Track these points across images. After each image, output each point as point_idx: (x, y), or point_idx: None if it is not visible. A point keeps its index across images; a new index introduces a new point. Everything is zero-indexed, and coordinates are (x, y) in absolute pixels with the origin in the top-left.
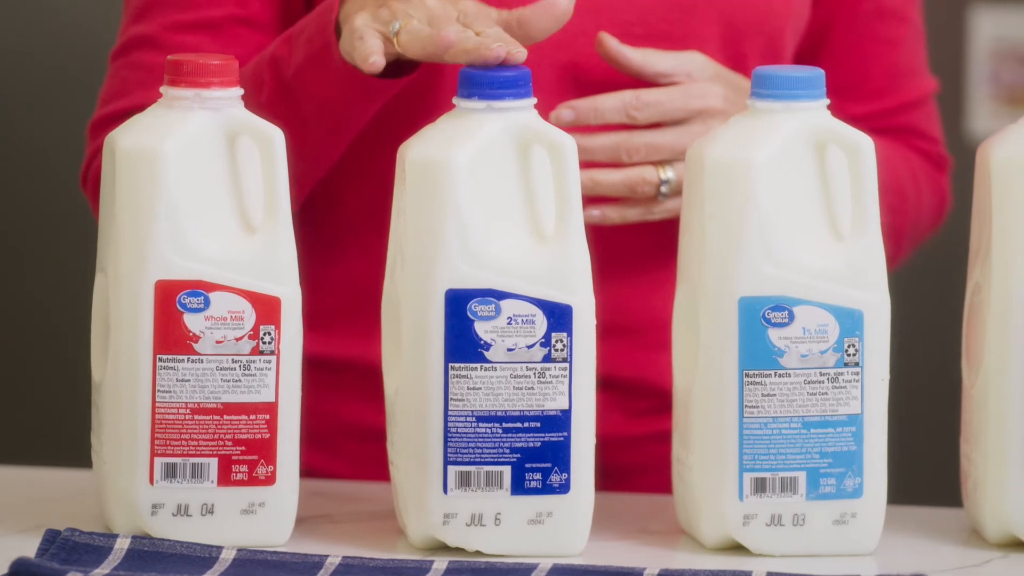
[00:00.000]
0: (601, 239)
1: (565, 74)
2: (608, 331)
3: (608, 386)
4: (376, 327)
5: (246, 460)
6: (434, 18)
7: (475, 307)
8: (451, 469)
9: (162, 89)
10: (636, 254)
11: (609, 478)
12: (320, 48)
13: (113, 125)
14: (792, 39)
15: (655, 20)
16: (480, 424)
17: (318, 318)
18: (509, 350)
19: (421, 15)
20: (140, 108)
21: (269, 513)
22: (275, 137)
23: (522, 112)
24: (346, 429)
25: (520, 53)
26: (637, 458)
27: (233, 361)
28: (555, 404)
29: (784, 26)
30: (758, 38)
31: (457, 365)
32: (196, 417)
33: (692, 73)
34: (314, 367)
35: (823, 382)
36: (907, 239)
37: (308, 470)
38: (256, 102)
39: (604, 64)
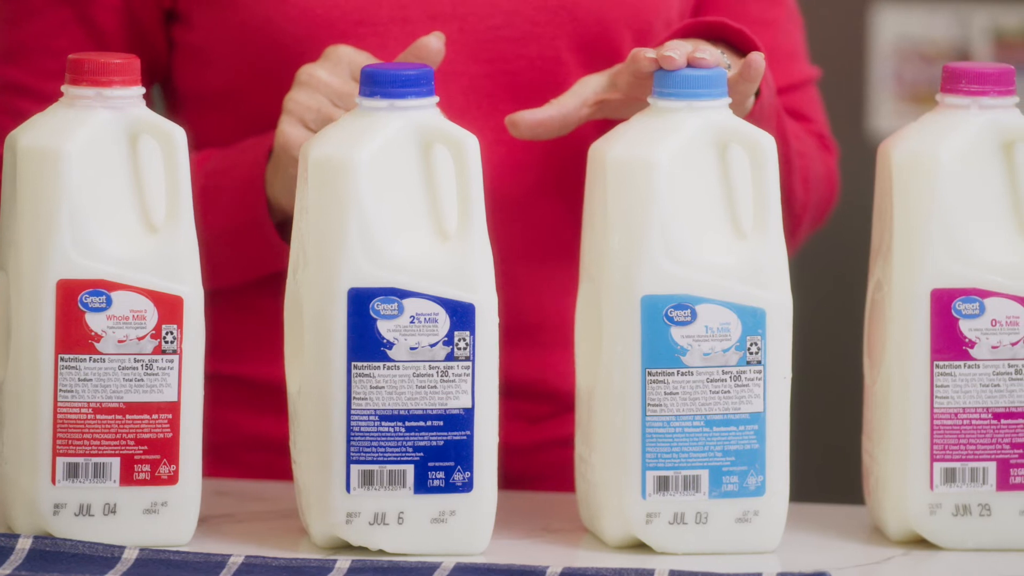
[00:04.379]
0: (504, 238)
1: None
2: (508, 334)
3: (508, 393)
4: (279, 352)
5: (148, 460)
6: (341, 96)
7: (378, 306)
8: (354, 468)
9: (63, 88)
10: (538, 254)
11: (511, 485)
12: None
13: None
14: (664, 31)
15: (521, 22)
16: (383, 423)
17: (223, 344)
18: (412, 349)
19: (326, 93)
20: None
21: (172, 512)
22: (177, 136)
23: (424, 111)
24: (246, 441)
25: None
26: (537, 465)
27: (135, 360)
28: (458, 403)
29: (653, 20)
30: (626, 33)
31: (360, 364)
32: (98, 417)
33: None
34: (213, 380)
35: (726, 380)
36: (810, 212)
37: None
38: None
39: (469, 65)
